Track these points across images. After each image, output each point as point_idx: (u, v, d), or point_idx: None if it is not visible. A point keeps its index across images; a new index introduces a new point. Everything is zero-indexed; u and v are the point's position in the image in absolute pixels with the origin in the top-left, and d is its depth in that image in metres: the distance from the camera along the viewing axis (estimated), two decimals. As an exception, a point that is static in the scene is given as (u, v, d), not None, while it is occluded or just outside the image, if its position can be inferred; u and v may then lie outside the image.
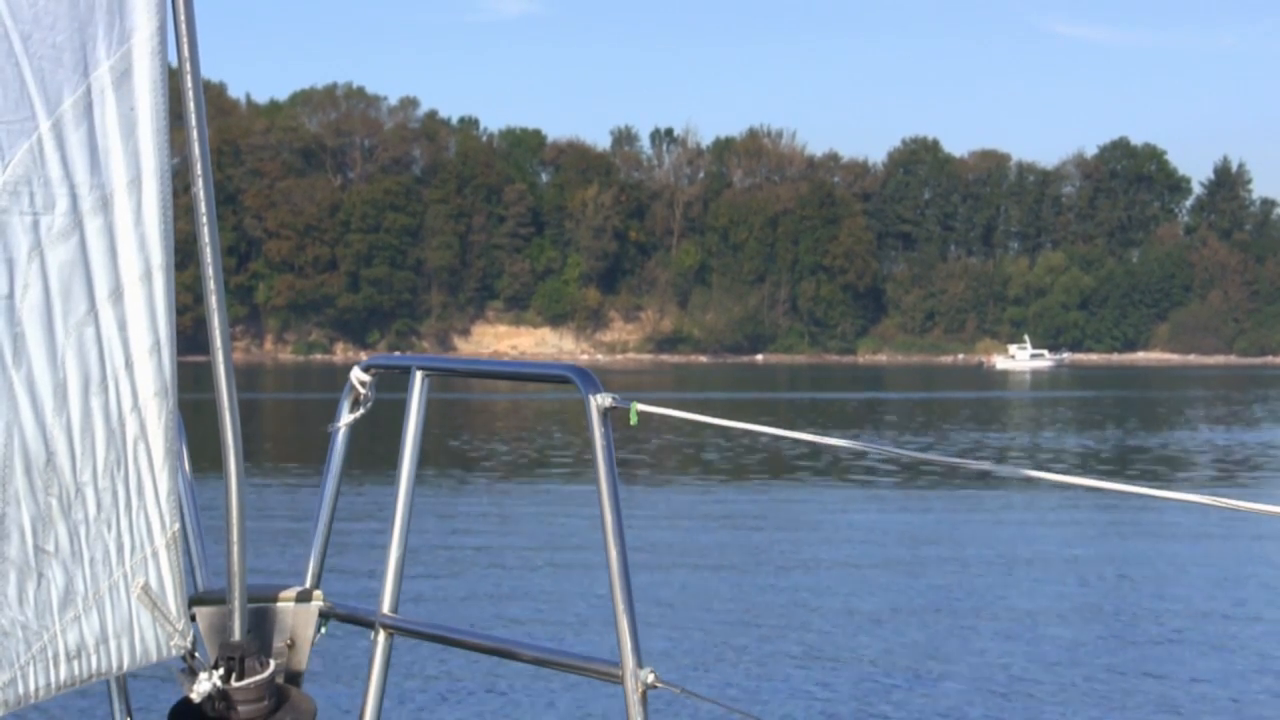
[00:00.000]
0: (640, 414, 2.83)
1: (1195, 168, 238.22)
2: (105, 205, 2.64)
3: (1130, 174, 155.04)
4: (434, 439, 37.32)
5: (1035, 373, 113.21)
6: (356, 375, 3.29)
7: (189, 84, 2.72)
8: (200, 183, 2.75)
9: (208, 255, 2.80)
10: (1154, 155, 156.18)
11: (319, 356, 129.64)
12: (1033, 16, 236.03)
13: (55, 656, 2.62)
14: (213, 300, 2.81)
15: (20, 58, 2.50)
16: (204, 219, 2.78)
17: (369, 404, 3.30)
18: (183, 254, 2.76)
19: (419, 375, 3.16)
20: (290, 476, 27.20)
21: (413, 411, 3.15)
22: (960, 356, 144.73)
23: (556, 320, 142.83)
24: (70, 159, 2.58)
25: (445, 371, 3.30)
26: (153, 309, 2.71)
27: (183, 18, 2.71)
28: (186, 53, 2.71)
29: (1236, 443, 39.77)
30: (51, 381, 2.59)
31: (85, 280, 2.62)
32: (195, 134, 2.73)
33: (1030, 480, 27.69)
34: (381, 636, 3.15)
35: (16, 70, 2.50)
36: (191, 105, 2.73)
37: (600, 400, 2.82)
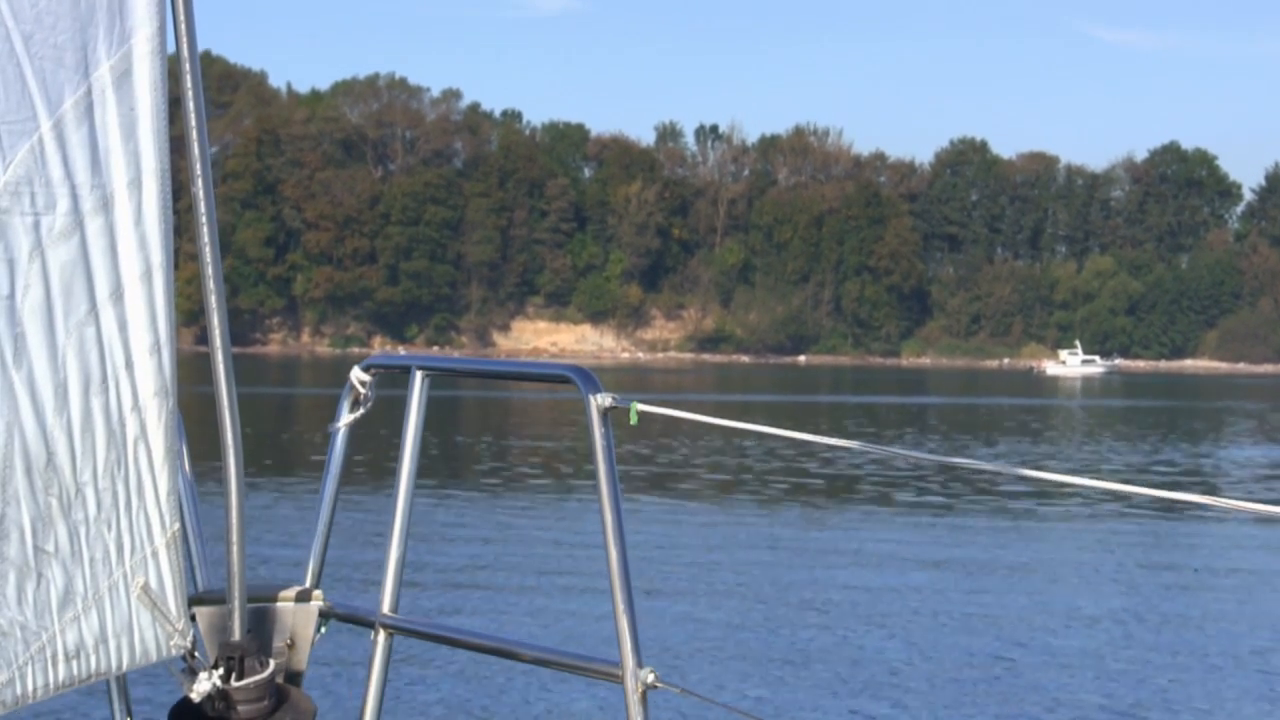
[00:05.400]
0: (649, 416, 2.82)
1: (1246, 173, 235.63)
2: (106, 205, 2.65)
3: (1180, 179, 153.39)
4: (454, 439, 37.29)
5: (1087, 379, 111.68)
6: (356, 375, 3.30)
7: (189, 84, 2.73)
8: (200, 182, 2.76)
9: (207, 255, 2.82)
10: (1205, 160, 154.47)
11: (356, 350, 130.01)
12: (1077, 22, 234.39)
13: (54, 656, 2.63)
14: (212, 300, 2.82)
15: (22, 58, 2.51)
16: (204, 218, 2.80)
17: (369, 404, 3.31)
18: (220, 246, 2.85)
19: (419, 375, 3.16)
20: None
21: (413, 411, 3.15)
22: (1006, 361, 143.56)
23: (597, 317, 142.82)
24: (71, 159, 2.59)
25: (445, 371, 3.30)
26: (153, 308, 2.72)
27: (183, 18, 2.72)
28: (187, 52, 2.73)
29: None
30: (52, 381, 2.60)
31: (86, 280, 2.63)
32: (195, 134, 2.75)
33: (1044, 484, 27.17)
34: (381, 636, 3.15)
35: (18, 70, 2.51)
36: (191, 105, 2.74)
37: (600, 400, 2.83)
